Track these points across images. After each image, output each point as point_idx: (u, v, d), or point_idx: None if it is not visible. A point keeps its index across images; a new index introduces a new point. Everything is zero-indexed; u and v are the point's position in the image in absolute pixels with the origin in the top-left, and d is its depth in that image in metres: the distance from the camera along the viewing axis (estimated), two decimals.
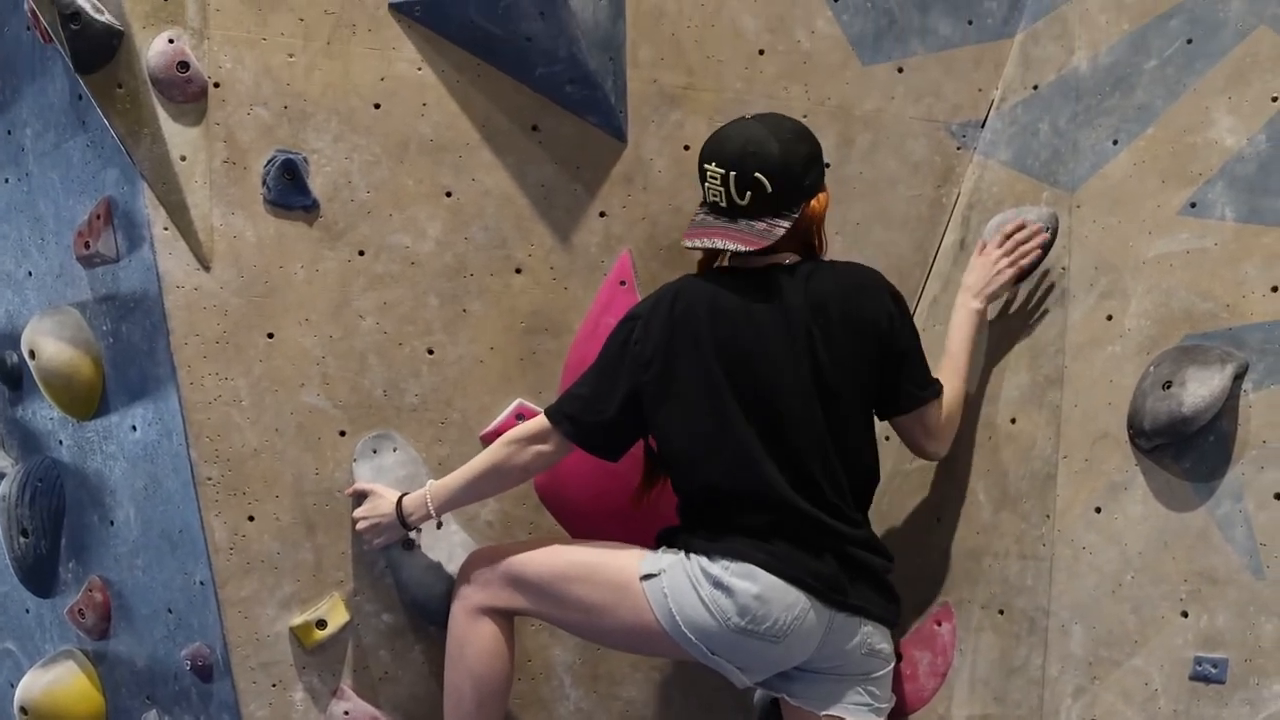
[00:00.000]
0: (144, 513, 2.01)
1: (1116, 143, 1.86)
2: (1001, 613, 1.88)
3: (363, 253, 1.94)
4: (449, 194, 1.96)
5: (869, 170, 2.08)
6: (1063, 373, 1.86)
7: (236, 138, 1.88)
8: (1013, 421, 1.92)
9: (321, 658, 1.94)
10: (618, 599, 1.79)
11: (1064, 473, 1.82)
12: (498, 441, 1.87)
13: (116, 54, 1.82)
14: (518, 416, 1.97)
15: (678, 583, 1.77)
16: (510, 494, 1.97)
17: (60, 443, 2.16)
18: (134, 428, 2.00)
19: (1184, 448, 1.69)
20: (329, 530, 1.94)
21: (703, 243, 1.82)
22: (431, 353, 1.97)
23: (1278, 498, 1.63)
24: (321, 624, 1.91)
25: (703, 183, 1.83)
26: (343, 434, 1.94)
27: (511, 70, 1.95)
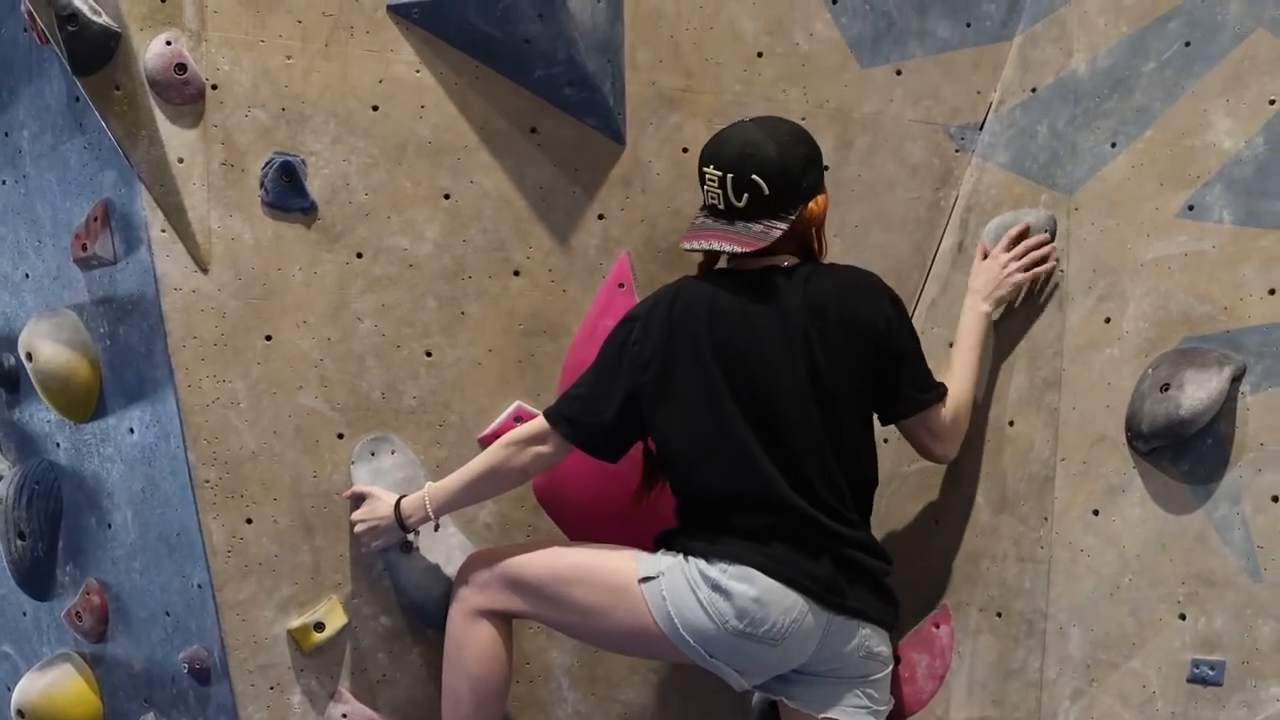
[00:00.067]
0: (141, 515, 2.00)
1: (1115, 145, 1.86)
2: (1000, 615, 1.88)
3: (361, 255, 1.93)
4: (447, 196, 1.96)
5: (867, 173, 2.08)
6: (1061, 375, 1.86)
7: (234, 140, 1.87)
8: (1011, 424, 1.92)
9: (319, 660, 1.94)
10: (616, 601, 1.79)
11: (1062, 475, 1.83)
12: (496, 443, 1.87)
13: (114, 56, 1.82)
14: (516, 419, 1.97)
15: (676, 585, 1.77)
16: (508, 496, 1.97)
17: (57, 445, 2.16)
18: (131, 430, 1.99)
19: (1182, 450, 1.70)
20: (327, 533, 1.93)
21: (700, 245, 1.82)
22: (430, 355, 1.97)
23: (1275, 500, 1.63)
24: (319, 626, 1.91)
25: (702, 186, 1.83)
26: (341, 436, 1.94)
27: (510, 72, 1.95)
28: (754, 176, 1.77)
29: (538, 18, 1.88)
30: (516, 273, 1.99)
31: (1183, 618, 1.68)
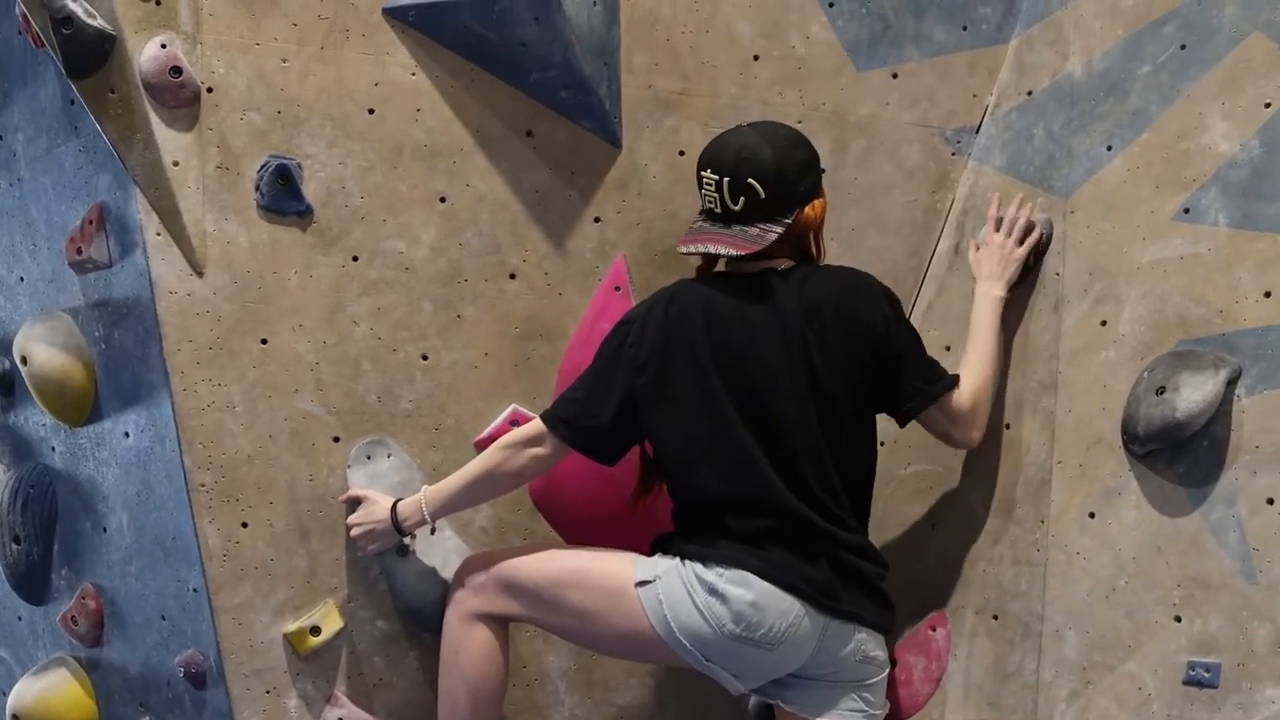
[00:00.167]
0: (137, 519, 2.00)
1: (1111, 148, 1.86)
2: (996, 618, 1.88)
3: (356, 258, 1.93)
4: (443, 199, 1.96)
5: (864, 176, 2.08)
6: (1057, 378, 1.86)
7: (229, 143, 1.87)
8: (1007, 427, 1.92)
9: (315, 664, 1.94)
10: (612, 605, 1.79)
11: (1058, 478, 1.83)
12: (493, 446, 1.87)
13: (109, 59, 1.81)
14: (512, 422, 1.97)
15: (673, 589, 1.77)
16: (504, 500, 1.97)
17: (52, 449, 2.15)
18: (127, 434, 1.99)
19: (1177, 453, 1.70)
20: (323, 536, 1.93)
21: (697, 248, 1.82)
22: (426, 358, 1.96)
23: (1271, 503, 1.64)
24: (315, 630, 1.91)
25: (699, 190, 1.83)
26: (337, 440, 1.93)
27: (506, 75, 1.94)
28: (750, 180, 1.77)
29: (534, 21, 1.88)
30: (512, 276, 1.99)
31: (1178, 620, 1.69)
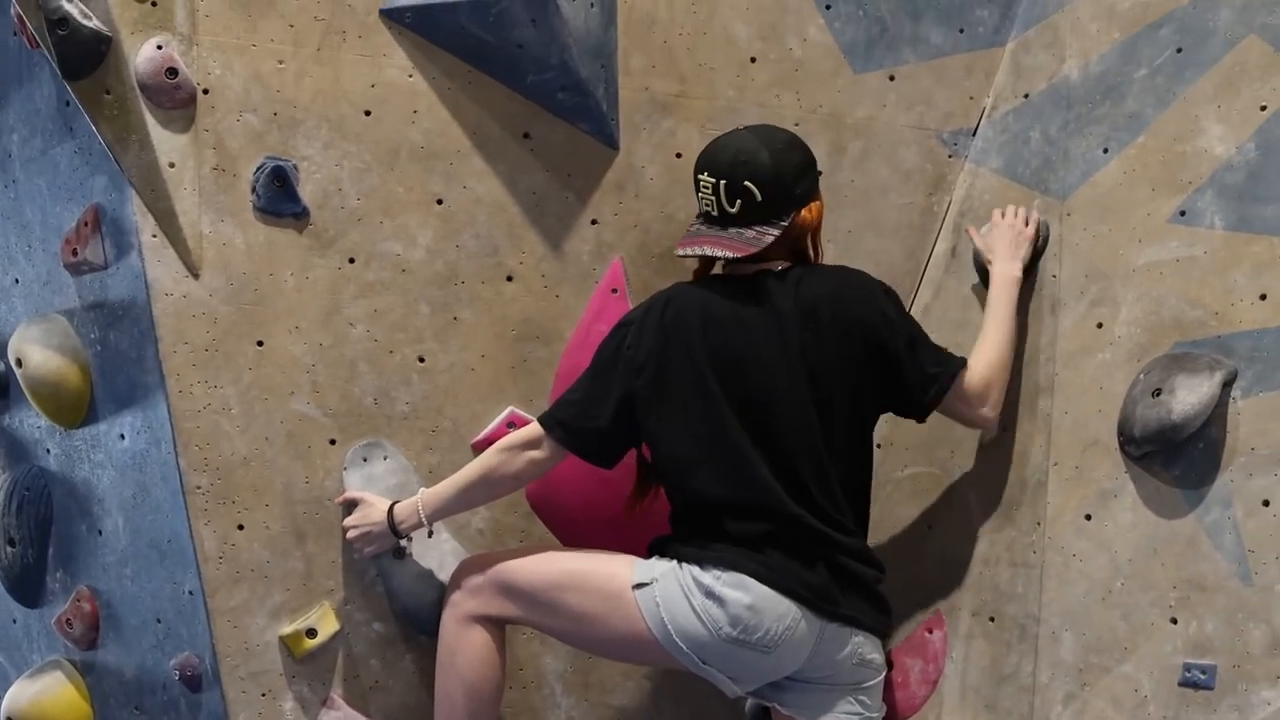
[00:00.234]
0: (132, 522, 2.00)
1: (1107, 151, 1.86)
2: (992, 620, 1.89)
3: (353, 260, 1.93)
4: (440, 201, 1.96)
5: (860, 178, 2.08)
6: (1053, 380, 1.86)
7: (226, 144, 1.87)
8: (1004, 429, 1.92)
9: (311, 667, 1.93)
10: (609, 608, 1.79)
11: (1054, 480, 1.83)
12: (490, 449, 1.87)
13: (104, 60, 1.81)
14: (509, 425, 1.97)
15: (670, 592, 1.77)
16: (501, 502, 1.97)
17: (48, 451, 2.15)
18: (122, 436, 1.99)
19: (1173, 455, 1.70)
20: (319, 539, 1.93)
21: (694, 251, 1.82)
22: (422, 360, 1.96)
23: (1266, 504, 1.64)
24: (311, 633, 1.91)
25: (697, 193, 1.84)
26: (333, 442, 1.93)
27: (503, 77, 1.94)
28: (746, 183, 1.77)
29: (531, 23, 1.88)
30: (509, 278, 1.99)
31: (1174, 622, 1.69)
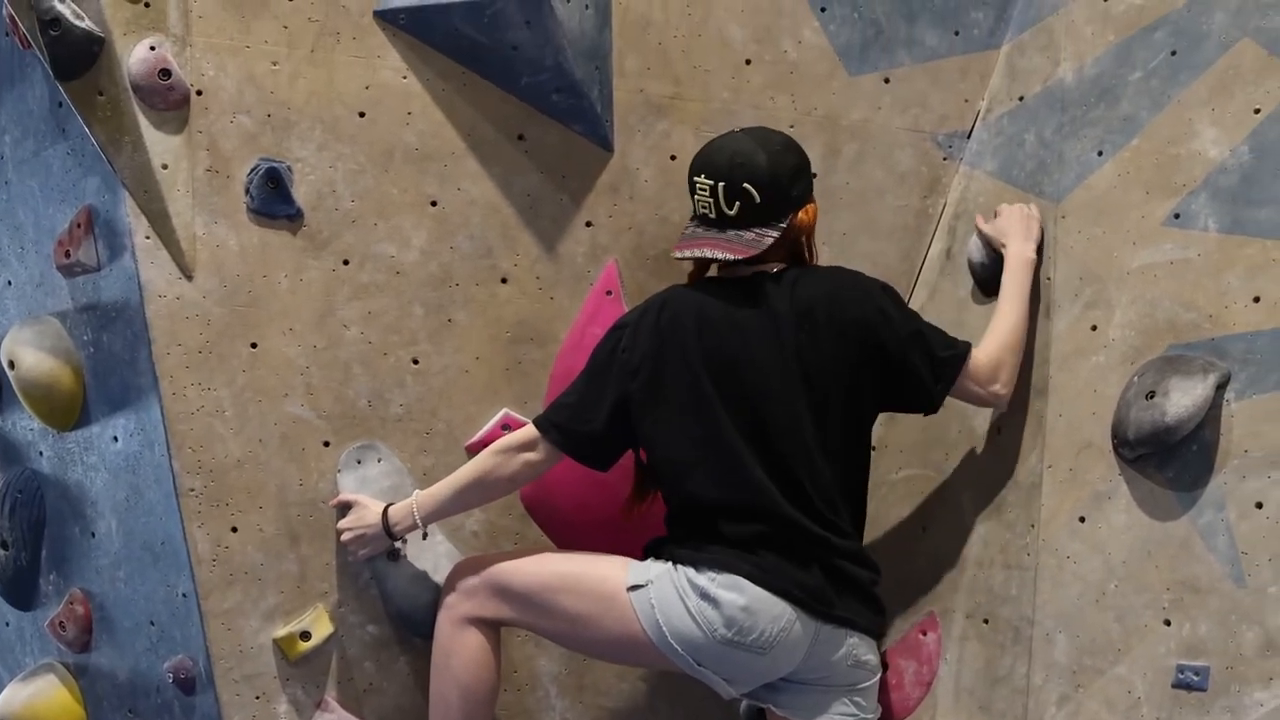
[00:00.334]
0: (126, 524, 1.99)
1: (1101, 154, 1.87)
2: (986, 622, 1.89)
3: (347, 262, 1.92)
4: (434, 203, 1.95)
5: (855, 180, 2.08)
6: (1048, 382, 1.86)
7: (219, 146, 1.86)
8: (998, 431, 1.92)
9: (305, 669, 1.93)
10: (604, 609, 1.79)
11: (1048, 482, 1.83)
12: (485, 451, 1.87)
13: (97, 61, 1.80)
14: (504, 427, 1.96)
15: (665, 594, 1.77)
16: (496, 504, 1.97)
17: (40, 454, 2.14)
18: (115, 438, 1.98)
19: (1167, 457, 1.71)
20: (313, 541, 1.92)
21: (692, 253, 1.82)
22: (416, 363, 1.96)
23: (1259, 506, 1.65)
24: (305, 635, 1.90)
25: (692, 195, 1.83)
26: (327, 444, 1.93)
27: (497, 79, 1.94)
28: (745, 185, 1.77)
29: (525, 24, 1.87)
30: (504, 280, 1.98)
31: (1168, 624, 1.69)
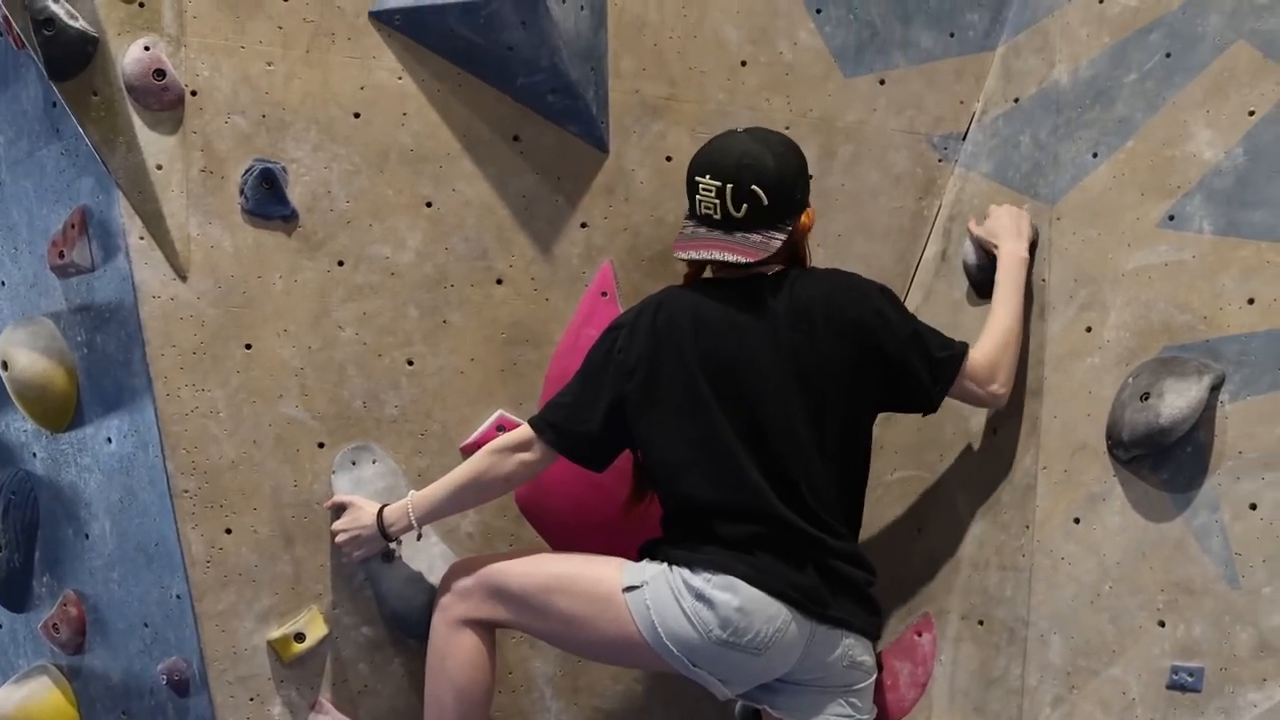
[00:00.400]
0: (119, 526, 1.99)
1: (1096, 155, 1.87)
2: (981, 623, 1.89)
3: (342, 263, 1.92)
4: (429, 204, 1.95)
5: (851, 182, 2.08)
6: (1042, 384, 1.87)
7: (214, 146, 1.86)
8: (993, 432, 1.93)
9: (300, 671, 1.93)
10: (599, 611, 1.79)
11: (1043, 483, 1.83)
12: (480, 451, 1.87)
13: (91, 61, 1.80)
14: (498, 428, 1.96)
15: (660, 595, 1.77)
16: (491, 505, 1.97)
17: (34, 455, 2.14)
18: (109, 440, 1.97)
19: (1162, 459, 1.71)
20: (307, 543, 1.92)
21: (697, 254, 1.80)
22: (411, 364, 1.96)
23: (1253, 508, 1.65)
24: (300, 637, 1.90)
25: (693, 195, 1.81)
26: (321, 446, 1.92)
27: (493, 80, 1.94)
28: (753, 187, 1.77)
29: (520, 25, 1.87)
30: (499, 281, 1.98)
31: (1162, 625, 1.70)
